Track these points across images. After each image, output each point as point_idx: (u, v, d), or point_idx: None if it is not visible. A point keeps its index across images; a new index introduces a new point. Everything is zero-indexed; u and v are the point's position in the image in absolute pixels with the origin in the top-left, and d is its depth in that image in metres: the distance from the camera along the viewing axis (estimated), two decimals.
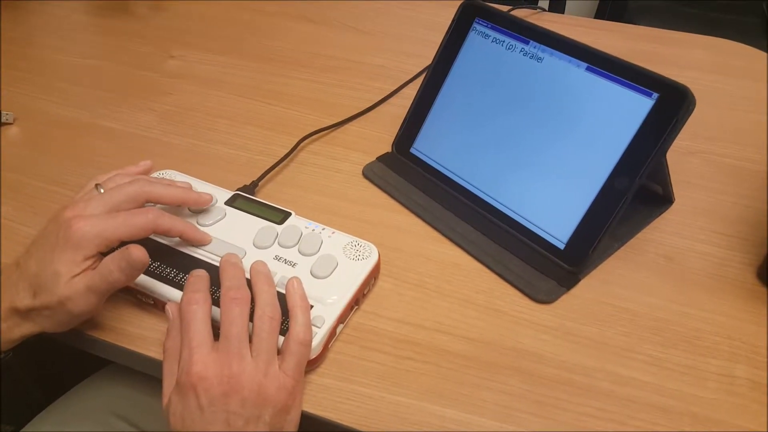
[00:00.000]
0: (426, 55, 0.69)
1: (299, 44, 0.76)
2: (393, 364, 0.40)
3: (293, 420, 0.36)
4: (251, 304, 0.37)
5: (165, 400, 0.35)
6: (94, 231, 0.38)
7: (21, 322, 0.38)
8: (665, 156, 0.45)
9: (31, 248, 0.39)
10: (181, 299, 0.37)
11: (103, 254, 0.39)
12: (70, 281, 0.37)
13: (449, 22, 0.54)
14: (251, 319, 0.37)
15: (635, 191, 0.42)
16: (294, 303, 0.38)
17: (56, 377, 0.60)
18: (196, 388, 0.33)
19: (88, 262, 0.38)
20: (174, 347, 0.37)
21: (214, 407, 0.33)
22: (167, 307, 0.39)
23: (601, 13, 1.48)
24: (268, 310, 0.37)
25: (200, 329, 0.36)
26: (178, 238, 0.44)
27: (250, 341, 0.36)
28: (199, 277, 0.39)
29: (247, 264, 0.42)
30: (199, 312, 0.36)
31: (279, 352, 0.37)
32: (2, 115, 0.60)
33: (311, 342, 0.38)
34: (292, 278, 0.40)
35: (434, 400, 0.38)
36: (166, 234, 0.42)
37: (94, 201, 0.40)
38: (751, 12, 1.31)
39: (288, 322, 0.38)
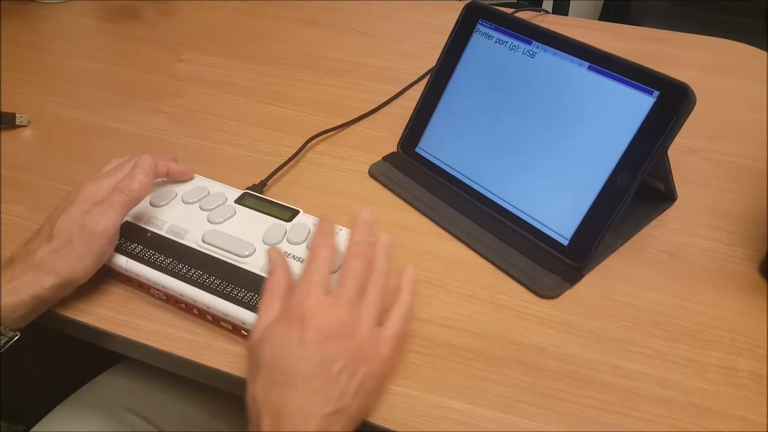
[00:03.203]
0: (429, 57, 0.70)
1: (305, 47, 0.77)
2: (399, 357, 0.41)
3: (379, 389, 0.37)
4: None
5: (256, 334, 0.36)
6: (99, 184, 0.43)
7: (37, 274, 0.39)
8: (667, 153, 0.46)
9: (48, 218, 0.43)
10: (313, 240, 0.40)
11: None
12: (87, 212, 0.41)
13: (452, 24, 0.55)
14: None
15: (637, 188, 0.43)
16: (405, 285, 0.40)
17: (67, 376, 0.60)
18: (304, 321, 0.34)
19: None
20: (276, 284, 0.38)
21: (315, 345, 0.34)
22: (270, 250, 0.41)
23: (605, 15, 1.49)
24: (383, 278, 0.39)
25: (323, 271, 0.37)
26: (187, 241, 0.45)
27: None
28: (330, 222, 0.41)
29: (254, 261, 0.43)
30: (327, 256, 0.38)
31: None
32: (17, 117, 0.61)
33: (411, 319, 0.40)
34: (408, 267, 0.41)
35: (440, 392, 0.39)
36: (154, 165, 0.45)
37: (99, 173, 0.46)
38: (752, 13, 1.32)
39: None
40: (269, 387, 0.34)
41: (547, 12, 0.86)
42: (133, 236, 0.45)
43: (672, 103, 0.42)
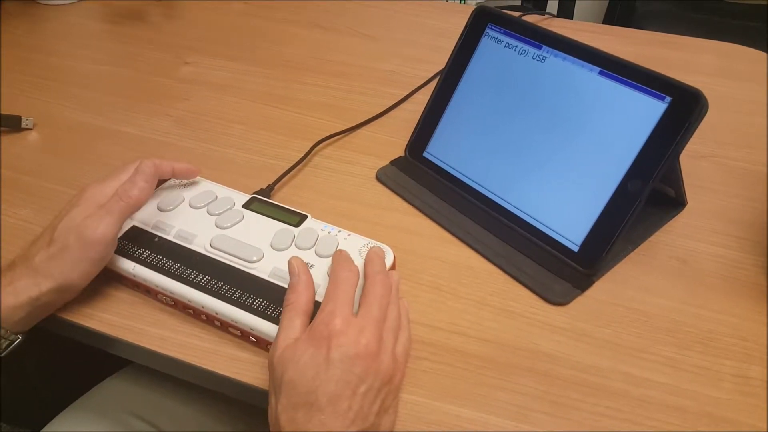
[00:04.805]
0: (436, 61, 0.70)
1: (310, 50, 0.77)
2: (409, 364, 0.41)
3: (396, 404, 0.37)
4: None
5: (277, 351, 0.35)
6: (102, 187, 0.43)
7: (35, 278, 0.39)
8: (678, 159, 0.45)
9: (51, 222, 0.43)
10: (335, 265, 0.40)
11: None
12: (87, 217, 0.41)
13: (458, 28, 0.55)
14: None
15: (648, 194, 0.43)
16: (404, 311, 0.42)
17: (72, 380, 0.60)
18: (331, 341, 0.34)
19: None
20: (297, 302, 0.38)
21: (342, 365, 0.34)
22: (290, 260, 0.40)
23: (609, 19, 1.49)
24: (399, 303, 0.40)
25: (349, 293, 0.38)
26: (195, 246, 0.45)
27: None
28: (347, 252, 0.42)
29: (263, 266, 0.43)
30: (353, 280, 0.38)
31: None
32: (22, 120, 0.61)
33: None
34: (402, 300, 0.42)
35: (450, 400, 0.39)
36: (156, 169, 0.44)
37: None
38: (757, 17, 1.31)
39: None
40: (293, 408, 0.33)
41: (553, 15, 0.86)
42: (141, 241, 0.45)
43: (684, 109, 0.41)
